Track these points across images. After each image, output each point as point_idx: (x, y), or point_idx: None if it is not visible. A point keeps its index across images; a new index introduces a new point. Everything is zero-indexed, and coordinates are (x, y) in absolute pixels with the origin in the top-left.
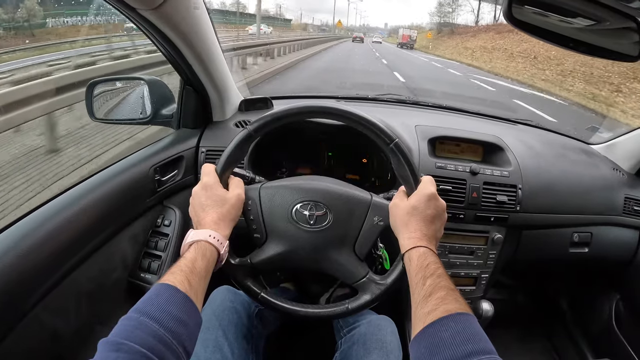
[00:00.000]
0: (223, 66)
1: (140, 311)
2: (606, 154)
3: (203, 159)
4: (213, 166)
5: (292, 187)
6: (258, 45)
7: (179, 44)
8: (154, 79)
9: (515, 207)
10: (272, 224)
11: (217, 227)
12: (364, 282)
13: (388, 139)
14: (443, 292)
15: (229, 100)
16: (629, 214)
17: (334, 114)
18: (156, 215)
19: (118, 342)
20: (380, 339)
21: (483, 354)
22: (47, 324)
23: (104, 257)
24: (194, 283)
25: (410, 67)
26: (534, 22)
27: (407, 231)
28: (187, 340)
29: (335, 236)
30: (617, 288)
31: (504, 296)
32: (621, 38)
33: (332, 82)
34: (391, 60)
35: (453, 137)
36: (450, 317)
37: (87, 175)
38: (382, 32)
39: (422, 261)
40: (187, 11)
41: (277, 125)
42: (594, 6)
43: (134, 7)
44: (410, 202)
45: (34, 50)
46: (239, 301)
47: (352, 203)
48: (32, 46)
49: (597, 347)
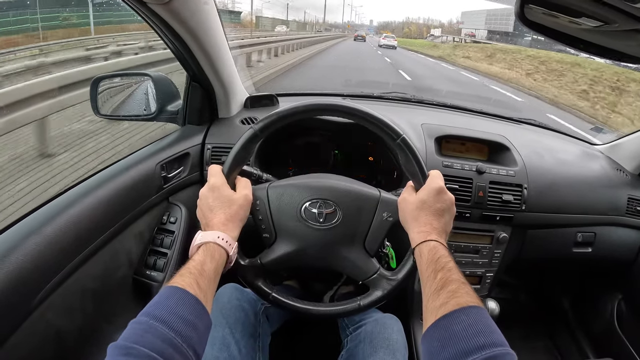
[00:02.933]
0: (230, 62)
1: (150, 314)
2: (610, 155)
3: (209, 155)
4: (220, 167)
5: (300, 186)
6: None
7: (187, 39)
8: (159, 75)
9: (520, 206)
10: (281, 224)
11: (225, 229)
12: (375, 278)
13: (395, 134)
14: (454, 286)
15: (234, 97)
16: (632, 215)
17: (340, 111)
18: (162, 212)
19: (127, 346)
20: (386, 337)
21: (495, 346)
22: (53, 322)
23: (109, 255)
24: (203, 285)
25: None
26: (545, 22)
27: (417, 225)
28: (197, 343)
29: (345, 233)
30: (619, 288)
31: (506, 295)
32: (630, 40)
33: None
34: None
35: (459, 135)
36: (461, 310)
37: (93, 172)
38: (369, 28)
39: (433, 255)
40: (196, 6)
41: (283, 124)
42: (601, 7)
43: (145, 2)
44: (419, 197)
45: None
46: (245, 299)
47: (361, 199)
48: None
49: (599, 347)
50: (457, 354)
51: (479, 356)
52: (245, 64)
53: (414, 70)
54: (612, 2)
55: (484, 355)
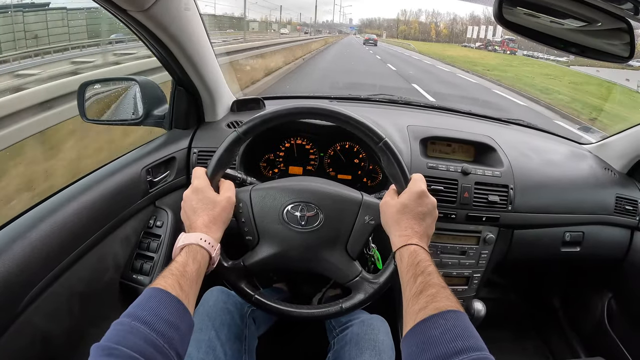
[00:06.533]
0: (215, 67)
1: (132, 315)
2: (598, 154)
3: (195, 159)
4: (204, 169)
5: (283, 189)
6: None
7: (170, 44)
8: (146, 80)
9: (506, 206)
10: (263, 226)
11: (208, 230)
12: (357, 281)
13: (377, 138)
14: (434, 290)
15: (220, 101)
16: (621, 213)
17: (322, 114)
18: (148, 216)
19: (110, 346)
20: (372, 338)
21: (473, 350)
22: (39, 326)
23: (95, 259)
24: (185, 286)
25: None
26: (524, 23)
27: (399, 229)
28: (179, 343)
29: (327, 236)
30: (609, 286)
31: (496, 295)
32: (612, 39)
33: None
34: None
35: (445, 137)
36: (440, 314)
37: (79, 177)
38: (352, 27)
39: (413, 259)
40: (177, 12)
41: (266, 127)
42: (585, 8)
43: (125, 9)
44: (401, 200)
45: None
46: (231, 302)
47: (343, 203)
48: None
49: (590, 345)
50: (436, 359)
51: None
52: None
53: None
54: (598, 3)
55: None
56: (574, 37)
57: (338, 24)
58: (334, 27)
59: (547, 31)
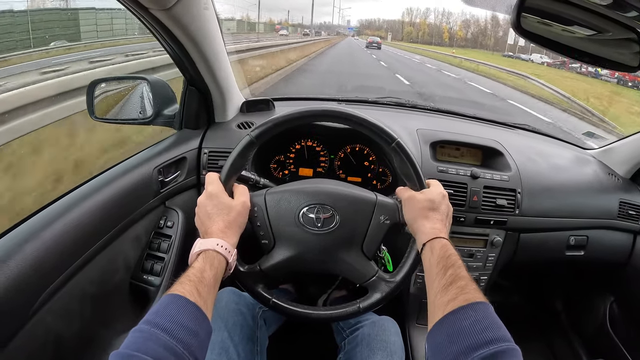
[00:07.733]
0: (227, 67)
1: (151, 322)
2: (602, 159)
3: (206, 160)
4: (217, 174)
5: (297, 191)
6: None
7: (186, 43)
8: (156, 79)
9: (514, 210)
10: (279, 229)
11: (224, 236)
12: (374, 280)
13: (390, 138)
14: (463, 282)
15: (231, 101)
16: (624, 218)
17: (335, 116)
18: (158, 217)
19: (130, 354)
20: (384, 339)
21: (502, 341)
22: (51, 327)
23: (106, 259)
24: (203, 292)
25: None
26: (540, 32)
27: (429, 222)
28: (198, 350)
29: (343, 237)
30: (611, 290)
31: (500, 297)
32: (622, 48)
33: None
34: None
35: (454, 141)
36: (469, 306)
37: (91, 177)
38: (350, 28)
39: (445, 252)
40: (197, 11)
41: (279, 130)
42: (594, 16)
43: (147, 7)
44: (428, 196)
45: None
46: (243, 303)
47: (358, 203)
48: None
49: (592, 348)
50: (465, 349)
51: (486, 351)
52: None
53: None
54: (605, 12)
55: (491, 350)
56: (586, 46)
57: (336, 25)
58: (332, 28)
59: (561, 40)
